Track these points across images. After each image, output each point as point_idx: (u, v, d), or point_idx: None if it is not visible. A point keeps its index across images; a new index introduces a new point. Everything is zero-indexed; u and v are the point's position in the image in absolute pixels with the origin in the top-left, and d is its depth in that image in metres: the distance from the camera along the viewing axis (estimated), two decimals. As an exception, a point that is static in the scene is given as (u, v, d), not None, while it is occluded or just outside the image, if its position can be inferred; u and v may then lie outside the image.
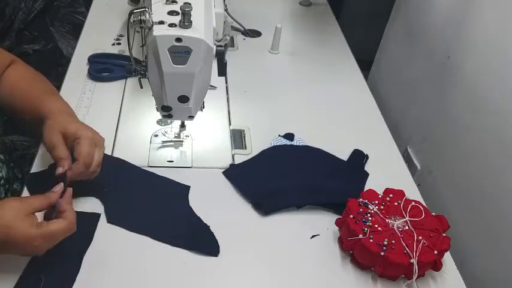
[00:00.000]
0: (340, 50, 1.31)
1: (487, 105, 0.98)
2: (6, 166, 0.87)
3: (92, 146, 0.76)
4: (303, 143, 0.97)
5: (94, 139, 0.77)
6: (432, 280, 0.75)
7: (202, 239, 0.77)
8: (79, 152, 0.74)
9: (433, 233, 0.74)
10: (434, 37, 1.20)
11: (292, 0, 1.51)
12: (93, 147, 0.76)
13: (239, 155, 0.93)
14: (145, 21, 0.73)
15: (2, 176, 0.85)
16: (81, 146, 0.74)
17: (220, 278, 0.72)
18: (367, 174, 0.92)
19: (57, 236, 0.65)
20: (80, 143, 0.74)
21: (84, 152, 0.74)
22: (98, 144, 0.77)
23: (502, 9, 0.95)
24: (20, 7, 1.73)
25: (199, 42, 0.73)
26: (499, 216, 0.93)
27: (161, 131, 0.97)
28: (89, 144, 0.75)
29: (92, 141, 0.76)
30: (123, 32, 1.23)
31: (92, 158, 0.75)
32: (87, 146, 0.75)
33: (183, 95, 0.79)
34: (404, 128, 1.34)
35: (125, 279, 0.70)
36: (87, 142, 0.75)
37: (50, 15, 1.77)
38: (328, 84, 1.17)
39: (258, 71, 1.19)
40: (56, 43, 1.78)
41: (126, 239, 0.75)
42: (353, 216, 0.75)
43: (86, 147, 0.74)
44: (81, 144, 0.74)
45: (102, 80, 1.08)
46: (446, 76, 1.14)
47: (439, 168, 1.16)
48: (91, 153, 0.75)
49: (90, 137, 0.76)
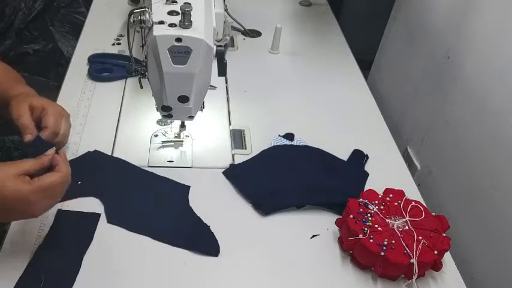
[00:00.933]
0: (340, 50, 1.31)
1: (487, 105, 0.98)
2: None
3: (59, 117, 0.80)
4: (303, 143, 0.97)
5: (61, 112, 0.81)
6: (432, 280, 0.75)
7: (202, 239, 0.77)
8: (46, 122, 0.78)
9: (433, 233, 0.74)
10: (434, 37, 1.20)
11: (292, 0, 1.51)
12: (60, 118, 0.80)
13: (239, 155, 0.93)
14: (145, 21, 0.74)
15: None
16: (48, 116, 0.78)
17: (220, 278, 0.72)
18: (367, 174, 0.92)
19: (53, 189, 0.65)
20: (47, 112, 0.78)
21: (51, 121, 0.78)
22: (64, 115, 0.82)
23: (502, 9, 0.95)
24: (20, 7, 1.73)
25: (199, 42, 0.73)
26: (499, 216, 0.93)
27: (161, 131, 0.97)
28: (55, 115, 0.79)
29: (58, 114, 0.80)
30: (123, 32, 1.23)
31: (58, 128, 0.79)
32: (54, 116, 0.79)
33: (183, 95, 0.79)
34: (404, 128, 1.34)
35: (125, 279, 0.70)
36: (54, 113, 0.79)
37: (50, 15, 1.77)
38: (328, 84, 1.17)
39: (258, 71, 1.19)
40: (56, 43, 1.78)
41: (126, 239, 0.75)
42: (353, 216, 0.75)
43: (53, 117, 0.79)
44: (48, 115, 0.78)
45: (102, 80, 1.08)
46: (446, 76, 1.14)
47: (439, 168, 1.16)
48: (58, 124, 0.79)
49: (57, 109, 0.81)
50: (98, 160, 0.87)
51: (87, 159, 0.86)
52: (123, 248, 0.74)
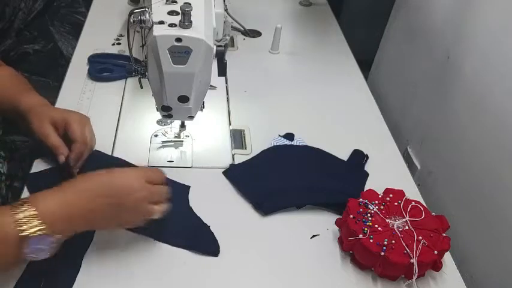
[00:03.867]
0: (340, 50, 1.31)
1: (487, 105, 0.98)
2: (7, 163, 0.88)
3: (82, 124, 0.83)
4: (303, 143, 0.97)
5: (81, 120, 0.84)
6: (432, 280, 0.75)
7: (202, 238, 0.77)
8: (74, 133, 0.81)
9: (433, 233, 0.74)
10: (434, 37, 1.20)
11: (292, 0, 1.51)
12: (83, 126, 0.83)
13: (239, 155, 0.93)
14: (145, 21, 0.73)
15: (3, 172, 0.86)
16: (73, 128, 0.81)
17: (220, 278, 0.72)
18: (367, 174, 0.92)
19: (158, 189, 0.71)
20: (71, 125, 0.81)
21: (77, 131, 0.81)
22: (85, 122, 0.85)
23: (502, 9, 0.95)
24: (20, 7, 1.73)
25: (199, 42, 0.73)
26: (499, 216, 0.93)
27: (161, 131, 0.97)
28: (79, 124, 0.82)
29: (80, 121, 0.83)
30: (123, 32, 1.23)
31: (85, 137, 0.82)
32: (78, 126, 0.82)
33: (183, 95, 0.79)
34: (404, 128, 1.34)
35: (125, 279, 0.70)
36: (77, 122, 0.82)
37: (50, 15, 1.77)
38: (328, 84, 1.17)
39: (258, 71, 1.19)
40: (56, 43, 1.78)
41: (126, 239, 0.75)
42: (353, 216, 0.75)
43: (77, 127, 0.82)
44: (72, 126, 0.81)
45: (102, 80, 1.08)
46: (446, 76, 1.14)
47: (439, 168, 1.16)
48: (83, 132, 0.82)
49: (78, 118, 0.84)
50: (99, 160, 0.87)
51: (87, 159, 0.86)
52: (123, 248, 0.74)
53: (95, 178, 0.67)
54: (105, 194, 0.66)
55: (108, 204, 0.66)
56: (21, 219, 0.59)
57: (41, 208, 0.61)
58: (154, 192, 0.70)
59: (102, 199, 0.65)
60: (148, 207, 0.69)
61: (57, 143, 0.80)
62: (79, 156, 0.81)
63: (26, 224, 0.59)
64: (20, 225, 0.59)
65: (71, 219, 0.63)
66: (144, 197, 0.68)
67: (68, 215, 0.63)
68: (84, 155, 0.83)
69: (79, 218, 0.64)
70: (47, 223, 0.60)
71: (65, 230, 0.63)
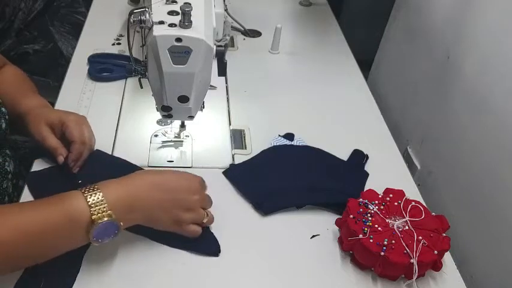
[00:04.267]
0: (340, 50, 1.31)
1: (487, 105, 0.98)
2: (13, 162, 0.88)
3: (79, 125, 0.83)
4: (303, 143, 0.97)
5: (78, 120, 0.84)
6: (432, 280, 0.75)
7: (202, 239, 0.76)
8: (71, 134, 0.81)
9: (433, 233, 0.74)
10: (434, 37, 1.20)
11: (292, 0, 1.51)
12: (81, 126, 0.83)
13: (239, 155, 0.93)
14: (145, 21, 0.73)
15: (10, 170, 0.86)
16: (70, 129, 0.81)
17: (220, 278, 0.72)
18: (367, 174, 0.92)
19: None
20: (68, 125, 0.81)
21: (75, 131, 0.81)
22: (82, 122, 0.85)
23: (502, 9, 0.95)
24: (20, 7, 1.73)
25: (199, 42, 0.73)
26: (499, 216, 0.93)
27: (161, 131, 0.97)
28: (76, 124, 0.82)
29: (77, 122, 0.83)
30: (123, 32, 1.23)
31: (84, 136, 0.83)
32: (75, 126, 0.82)
33: (183, 95, 0.79)
34: (404, 128, 1.34)
35: (124, 279, 0.70)
36: (74, 123, 0.82)
37: (50, 15, 1.77)
38: (328, 84, 1.17)
39: (258, 71, 1.19)
40: (56, 43, 1.78)
41: (126, 239, 0.75)
42: (353, 216, 0.75)
43: (75, 127, 0.82)
44: (70, 127, 0.81)
45: (102, 80, 1.08)
46: (446, 76, 1.14)
47: (439, 168, 1.16)
48: (81, 132, 0.83)
49: (74, 118, 0.84)
50: (99, 159, 0.87)
51: (87, 159, 0.86)
52: (123, 248, 0.74)
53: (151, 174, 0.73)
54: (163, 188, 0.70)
55: (165, 200, 0.70)
56: (93, 203, 0.63)
57: (107, 195, 0.64)
58: (205, 198, 0.76)
59: (160, 194, 0.69)
60: (201, 211, 0.74)
61: (54, 145, 0.81)
62: (78, 156, 0.81)
63: (96, 208, 0.63)
64: (92, 210, 0.63)
65: (132, 208, 0.67)
66: (198, 200, 0.73)
67: (129, 204, 0.66)
68: (84, 155, 0.83)
69: (139, 208, 0.68)
70: (113, 210, 0.64)
71: (126, 219, 0.67)
